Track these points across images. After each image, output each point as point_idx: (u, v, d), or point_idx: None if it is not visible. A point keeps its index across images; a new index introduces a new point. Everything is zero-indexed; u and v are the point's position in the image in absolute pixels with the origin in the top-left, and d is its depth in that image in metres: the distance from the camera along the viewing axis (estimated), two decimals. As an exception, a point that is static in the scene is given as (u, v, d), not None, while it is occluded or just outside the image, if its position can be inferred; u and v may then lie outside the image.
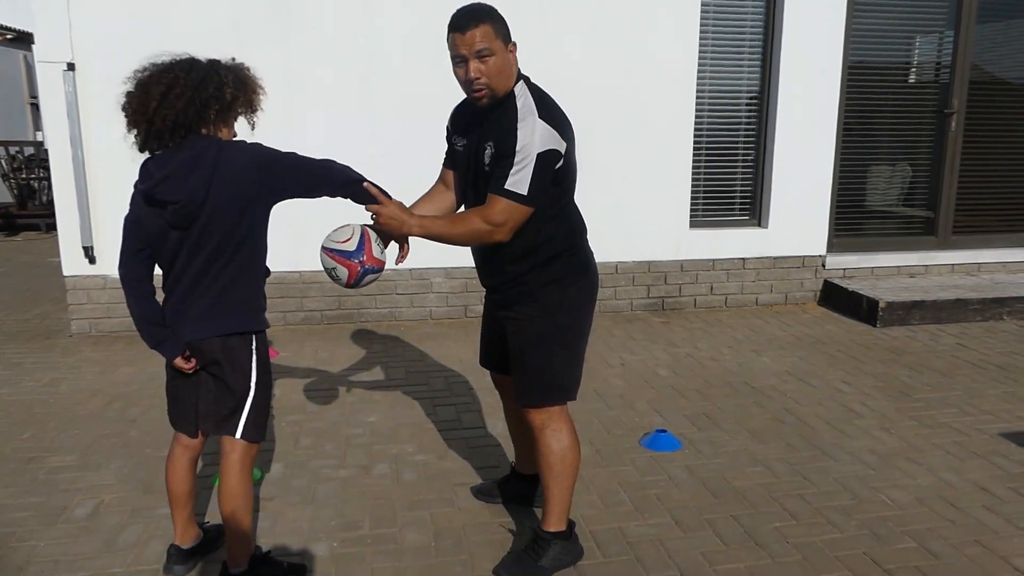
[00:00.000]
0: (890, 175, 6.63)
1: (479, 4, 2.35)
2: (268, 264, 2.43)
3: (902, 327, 5.67)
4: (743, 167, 6.27)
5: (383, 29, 5.21)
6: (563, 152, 2.35)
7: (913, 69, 6.57)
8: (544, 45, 5.56)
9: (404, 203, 2.46)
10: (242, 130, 2.36)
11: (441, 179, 2.74)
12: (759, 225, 6.30)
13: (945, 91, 6.46)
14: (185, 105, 2.21)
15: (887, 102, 6.39)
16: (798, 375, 4.64)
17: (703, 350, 5.14)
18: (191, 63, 2.28)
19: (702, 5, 5.80)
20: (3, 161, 10.99)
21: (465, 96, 2.47)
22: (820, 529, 2.91)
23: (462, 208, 2.64)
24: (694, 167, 6.09)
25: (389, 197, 2.43)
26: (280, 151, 2.31)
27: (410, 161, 5.11)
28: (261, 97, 2.41)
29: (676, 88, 5.84)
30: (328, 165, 2.38)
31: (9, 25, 12.88)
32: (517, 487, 3.04)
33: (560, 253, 2.48)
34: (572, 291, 2.51)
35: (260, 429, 2.43)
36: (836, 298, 6.21)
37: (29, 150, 11.36)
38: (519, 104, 2.34)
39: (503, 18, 2.36)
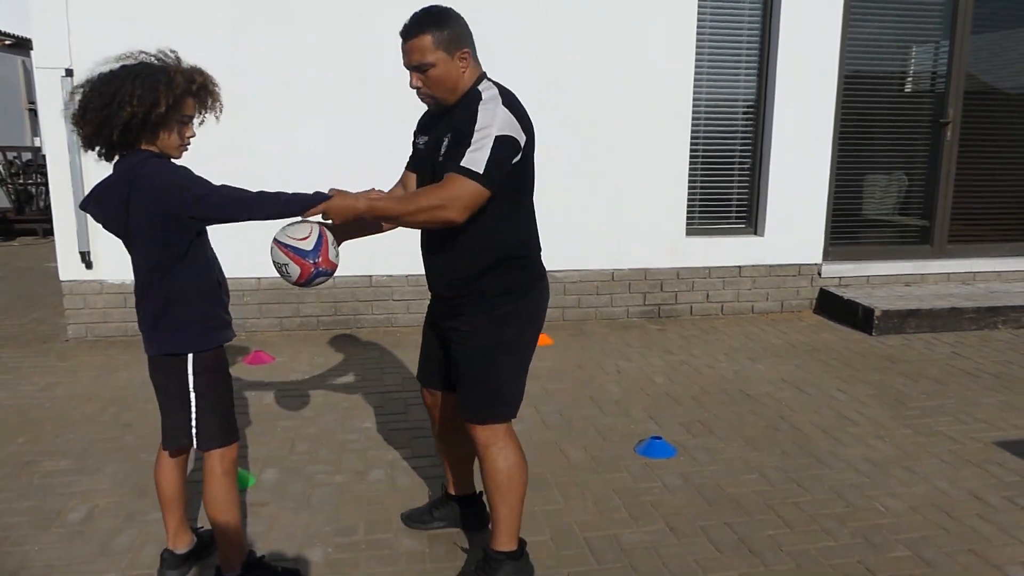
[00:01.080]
0: (886, 184, 6.65)
1: (427, 11, 2.29)
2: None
3: (897, 335, 5.69)
4: (739, 175, 6.30)
5: (381, 33, 5.23)
6: (522, 145, 2.28)
7: (909, 78, 6.60)
8: (541, 50, 5.59)
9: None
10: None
11: (401, 181, 2.64)
12: (755, 233, 6.32)
13: (941, 101, 6.50)
14: (95, 129, 2.21)
15: (883, 111, 6.42)
16: (793, 383, 4.65)
17: (699, 357, 5.15)
18: (112, 76, 2.22)
19: (699, 13, 5.83)
20: (1, 167, 11.00)
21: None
22: (814, 537, 2.91)
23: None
24: (690, 174, 6.11)
25: (327, 197, 2.26)
26: (204, 185, 2.21)
27: (406, 160, 5.12)
28: (201, 98, 2.31)
29: (673, 95, 5.87)
30: (258, 197, 2.22)
31: (7, 31, 12.90)
32: (463, 515, 2.92)
33: (513, 261, 2.39)
34: (523, 304, 2.43)
35: (220, 436, 2.41)
36: (832, 306, 6.22)
37: (27, 155, 11.37)
38: (483, 95, 2.29)
39: (454, 23, 2.29)
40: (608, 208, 5.92)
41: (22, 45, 12.84)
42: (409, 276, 5.71)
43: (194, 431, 2.39)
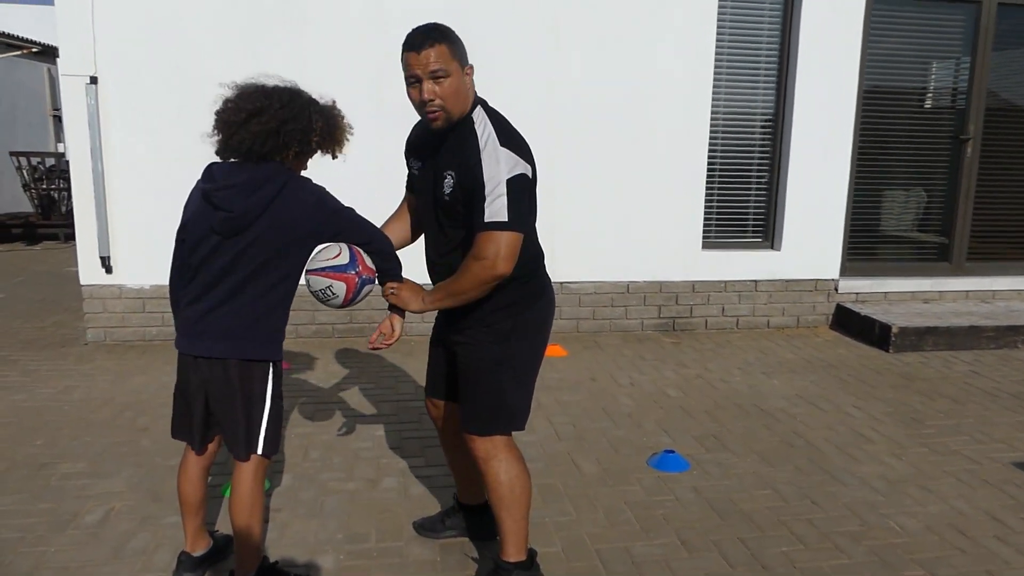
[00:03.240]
0: (904, 200, 6.61)
1: (436, 24, 2.29)
2: None
3: (915, 353, 5.64)
4: (757, 189, 6.28)
5: (394, 41, 5.26)
6: (530, 176, 2.30)
7: (929, 94, 6.57)
8: (556, 63, 5.62)
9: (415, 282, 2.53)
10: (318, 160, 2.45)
11: (403, 204, 2.75)
12: (772, 247, 6.30)
13: (961, 117, 6.46)
14: (265, 136, 2.28)
15: (902, 127, 6.39)
16: (808, 399, 4.62)
17: (713, 371, 5.13)
18: (291, 96, 2.35)
19: (718, 25, 5.84)
20: (25, 172, 11.17)
21: (418, 119, 2.47)
22: (828, 554, 2.88)
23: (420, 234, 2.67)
24: (707, 187, 6.10)
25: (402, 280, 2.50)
26: (341, 204, 2.37)
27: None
28: (346, 141, 2.49)
29: (690, 108, 5.87)
30: (375, 231, 2.45)
31: (34, 39, 13.12)
32: (472, 524, 2.92)
33: (515, 277, 2.34)
34: (525, 317, 2.43)
35: (275, 443, 2.46)
36: (848, 322, 6.18)
37: (50, 161, 11.53)
38: (479, 132, 2.28)
39: (460, 40, 2.31)
40: (624, 220, 5.92)
41: (48, 53, 13.05)
42: (424, 286, 5.72)
43: (262, 436, 2.41)
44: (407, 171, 2.62)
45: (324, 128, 2.38)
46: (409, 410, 4.29)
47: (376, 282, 2.45)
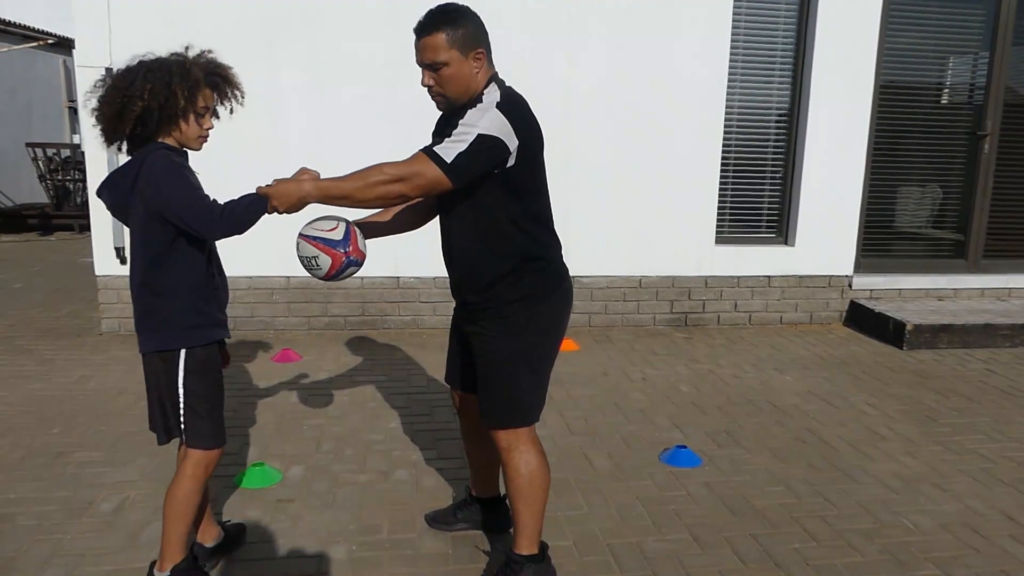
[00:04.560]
0: (920, 196, 6.56)
1: (442, 8, 2.27)
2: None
3: (929, 351, 5.60)
4: (771, 184, 6.25)
5: (410, 42, 5.27)
6: (512, 149, 2.22)
7: (946, 90, 6.51)
8: (570, 58, 5.60)
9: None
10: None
11: None
12: (785, 243, 6.26)
13: (979, 113, 6.40)
14: (110, 122, 2.24)
15: (919, 122, 6.34)
16: (822, 395, 4.60)
17: (725, 367, 5.11)
18: (126, 71, 2.25)
19: (733, 21, 5.80)
20: (40, 163, 11.24)
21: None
22: (841, 552, 2.87)
23: (437, 216, 2.56)
24: (721, 183, 6.07)
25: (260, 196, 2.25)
26: (182, 190, 2.19)
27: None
28: (219, 89, 2.34)
29: (705, 103, 5.84)
30: (217, 212, 2.19)
31: (50, 31, 13.19)
32: (486, 518, 2.93)
33: (530, 265, 2.37)
34: (541, 309, 2.41)
35: (206, 438, 2.39)
36: (862, 319, 6.14)
37: (66, 152, 11.60)
38: (485, 98, 2.28)
39: (470, 22, 2.27)
40: (637, 215, 5.90)
41: (64, 44, 13.12)
42: (436, 278, 5.74)
43: (184, 429, 2.38)
44: None
45: (152, 89, 2.19)
46: (421, 402, 4.30)
47: (362, 265, 2.37)
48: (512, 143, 2.23)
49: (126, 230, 5.25)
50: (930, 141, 6.39)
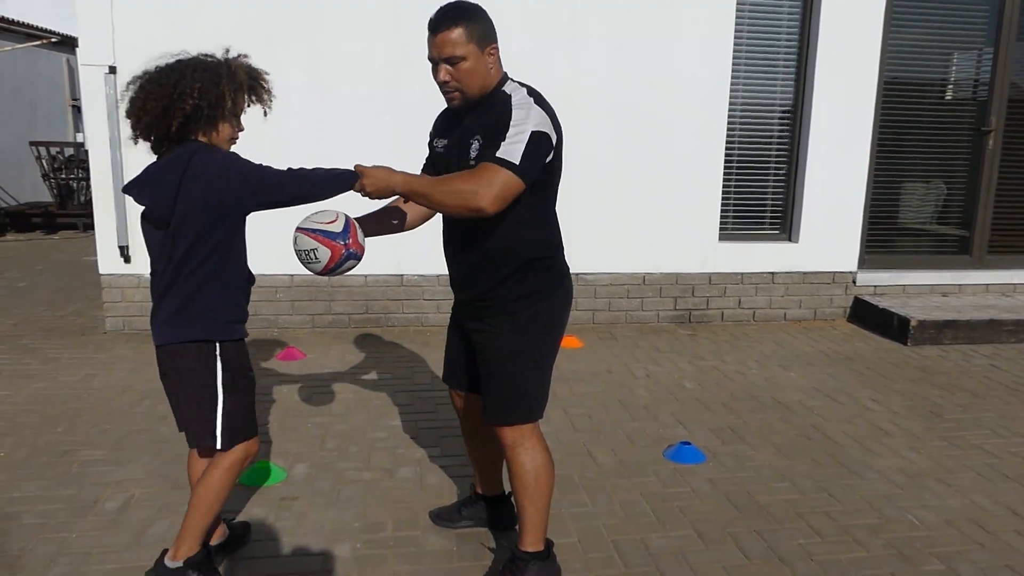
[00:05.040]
0: (924, 192, 6.54)
1: (458, 4, 2.28)
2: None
3: (933, 346, 5.59)
4: (774, 180, 6.23)
5: (412, 42, 5.27)
6: (554, 143, 2.27)
7: (950, 86, 6.49)
8: (572, 56, 5.59)
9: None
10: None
11: None
12: (789, 239, 6.25)
13: (983, 108, 6.38)
14: (156, 119, 2.24)
15: (923, 118, 6.32)
16: (826, 391, 4.59)
17: (729, 363, 5.11)
18: (168, 71, 2.26)
19: (736, 18, 5.79)
20: (44, 162, 11.26)
21: (442, 107, 2.47)
22: (845, 547, 2.87)
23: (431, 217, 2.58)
24: (725, 179, 6.06)
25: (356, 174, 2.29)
26: (251, 165, 2.24)
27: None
28: (255, 90, 2.37)
29: (708, 99, 5.83)
30: (300, 175, 2.26)
31: (53, 29, 13.21)
32: (491, 515, 2.92)
33: (536, 263, 2.38)
34: (545, 306, 2.41)
35: (238, 433, 2.39)
36: (866, 315, 6.13)
37: (69, 151, 11.61)
38: (514, 97, 2.28)
39: (484, 18, 2.29)
40: (641, 212, 5.90)
41: (67, 43, 13.13)
42: (440, 276, 5.74)
43: (219, 429, 2.35)
44: (428, 152, 2.58)
45: (201, 88, 2.23)
46: (425, 400, 4.30)
47: (361, 259, 2.36)
48: (554, 138, 2.27)
49: (131, 228, 5.31)
50: (934, 137, 6.37)
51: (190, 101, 2.22)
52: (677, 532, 2.95)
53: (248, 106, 2.41)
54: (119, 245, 5.41)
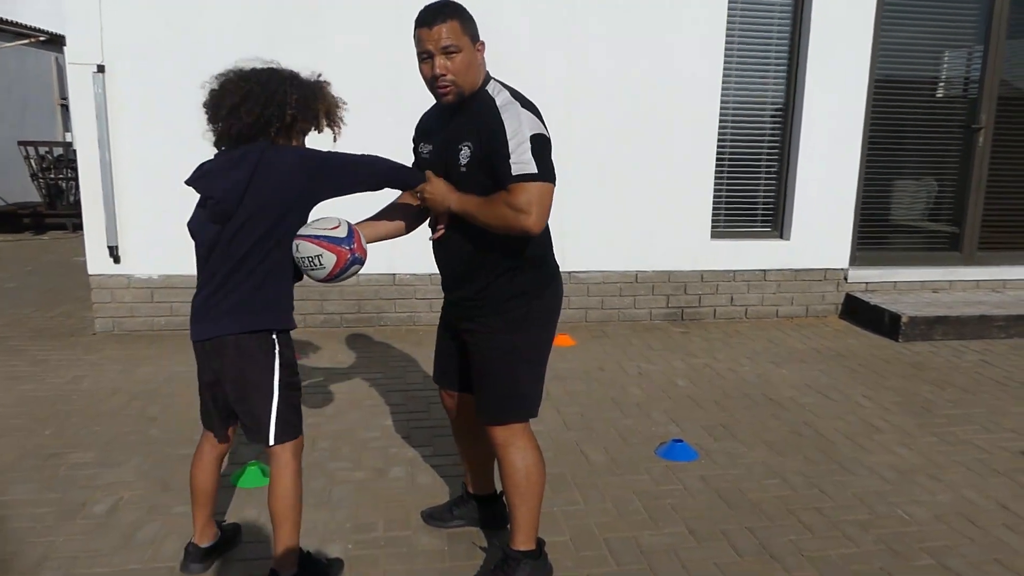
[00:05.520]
0: (915, 189, 6.56)
1: (448, 1, 2.32)
2: None
3: (925, 342, 5.61)
4: (766, 178, 6.24)
5: (411, 34, 5.25)
6: (549, 138, 2.31)
7: (941, 83, 6.51)
8: (568, 53, 5.58)
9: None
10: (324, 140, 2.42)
11: (400, 197, 2.64)
12: (781, 237, 6.26)
13: (973, 106, 6.40)
14: (253, 120, 2.28)
15: (914, 116, 6.34)
16: (817, 388, 4.60)
17: (722, 361, 5.11)
18: (268, 76, 2.33)
19: (728, 16, 5.79)
20: (32, 161, 11.18)
21: (430, 106, 2.50)
22: (836, 543, 2.88)
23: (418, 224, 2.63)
24: (717, 177, 6.07)
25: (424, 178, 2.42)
26: (326, 153, 2.32)
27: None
28: (332, 115, 2.44)
29: (700, 97, 5.83)
30: (372, 160, 2.39)
31: (41, 27, 13.12)
32: (482, 514, 2.93)
33: (526, 263, 2.40)
34: (536, 305, 2.42)
35: (293, 426, 2.40)
36: (858, 312, 6.15)
37: (58, 150, 11.54)
38: (497, 100, 2.30)
39: (471, 16, 2.34)
40: (633, 210, 5.89)
41: (55, 41, 13.05)
42: (432, 275, 5.72)
43: (273, 422, 2.34)
44: (414, 158, 2.60)
45: (300, 100, 2.32)
46: (417, 399, 4.29)
47: (364, 263, 2.40)
48: (547, 134, 2.31)
49: (120, 228, 5.28)
50: (925, 134, 6.39)
51: (289, 112, 2.30)
52: (669, 529, 2.95)
53: (320, 131, 2.45)
54: (108, 245, 5.38)
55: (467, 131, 2.31)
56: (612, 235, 5.91)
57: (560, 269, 2.58)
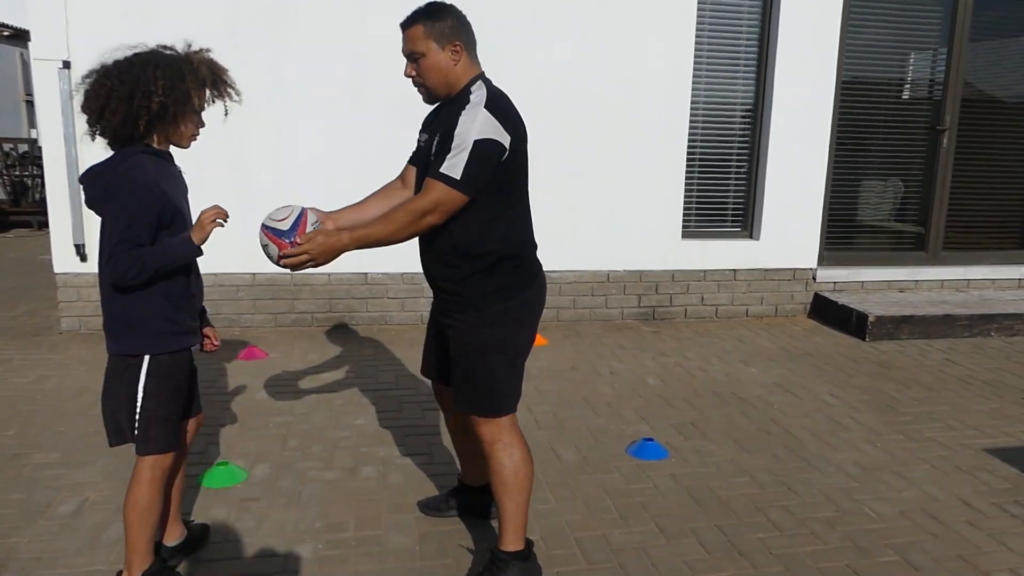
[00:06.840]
0: (882, 190, 6.67)
1: (426, 4, 2.38)
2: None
3: (891, 341, 5.70)
4: (736, 179, 6.30)
5: (373, 33, 5.23)
6: (507, 146, 2.30)
7: (907, 85, 6.62)
8: (536, 51, 5.59)
9: (326, 218, 2.40)
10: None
11: (400, 175, 2.68)
12: (751, 237, 6.33)
13: (938, 108, 6.52)
14: (122, 120, 2.20)
15: (880, 117, 6.44)
16: (786, 387, 4.66)
17: (692, 360, 5.16)
18: (127, 67, 2.20)
19: (698, 16, 5.84)
20: (-3, 158, 10.96)
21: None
22: (803, 540, 2.91)
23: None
24: (687, 178, 6.11)
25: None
26: (124, 223, 2.16)
27: (400, 160, 5.07)
28: (216, 85, 2.33)
29: (670, 99, 5.87)
30: (141, 261, 2.18)
31: (5, 22, 12.86)
32: (469, 500, 2.97)
33: (505, 260, 2.41)
34: (514, 303, 2.44)
35: (155, 442, 2.32)
36: (826, 311, 6.23)
37: (23, 147, 11.33)
38: (472, 99, 2.33)
39: (449, 16, 2.36)
40: (604, 210, 5.92)
41: (20, 37, 12.80)
42: (404, 274, 5.71)
43: (137, 434, 2.31)
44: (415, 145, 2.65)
45: (166, 85, 2.18)
46: (388, 399, 4.28)
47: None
48: (505, 140, 2.30)
49: (87, 226, 5.19)
50: (891, 136, 6.50)
51: (156, 100, 2.17)
52: (639, 527, 2.98)
53: (211, 103, 2.36)
54: (75, 243, 5.29)
55: (441, 126, 2.38)
56: (583, 235, 5.93)
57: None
